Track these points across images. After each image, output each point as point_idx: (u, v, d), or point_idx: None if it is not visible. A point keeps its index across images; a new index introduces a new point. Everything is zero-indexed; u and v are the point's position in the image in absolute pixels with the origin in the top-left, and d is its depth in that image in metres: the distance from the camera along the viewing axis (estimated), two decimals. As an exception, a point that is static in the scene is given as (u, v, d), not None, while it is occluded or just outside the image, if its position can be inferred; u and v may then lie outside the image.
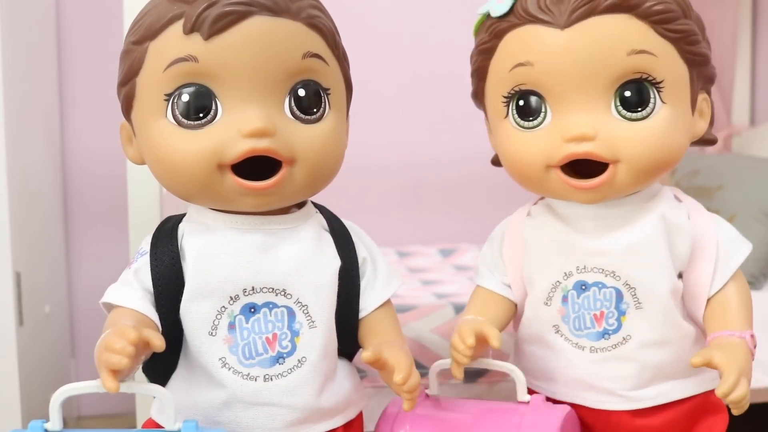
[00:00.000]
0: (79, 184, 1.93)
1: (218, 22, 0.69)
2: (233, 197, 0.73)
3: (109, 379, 0.64)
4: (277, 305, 0.76)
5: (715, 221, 0.85)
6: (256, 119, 0.70)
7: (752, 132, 2.11)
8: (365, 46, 1.99)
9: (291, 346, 0.76)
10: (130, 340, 0.63)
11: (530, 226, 0.87)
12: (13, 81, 1.45)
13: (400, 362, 0.74)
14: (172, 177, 0.74)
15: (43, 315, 1.64)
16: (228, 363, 0.75)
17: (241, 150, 0.70)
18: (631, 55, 0.76)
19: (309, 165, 0.74)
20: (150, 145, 0.74)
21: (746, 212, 1.67)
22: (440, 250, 1.96)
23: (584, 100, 0.77)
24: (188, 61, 0.70)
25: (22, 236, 1.49)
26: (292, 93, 0.73)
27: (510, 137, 0.82)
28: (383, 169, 2.05)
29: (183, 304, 0.75)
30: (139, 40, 0.73)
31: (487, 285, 0.91)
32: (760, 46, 2.20)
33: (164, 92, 0.71)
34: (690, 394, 0.85)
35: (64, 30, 1.89)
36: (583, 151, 0.77)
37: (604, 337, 0.83)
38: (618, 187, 0.78)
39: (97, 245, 1.91)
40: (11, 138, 1.42)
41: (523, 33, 0.78)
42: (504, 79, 0.80)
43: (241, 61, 0.70)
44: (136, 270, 0.76)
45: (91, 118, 1.91)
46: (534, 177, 0.81)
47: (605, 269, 0.82)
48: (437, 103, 2.07)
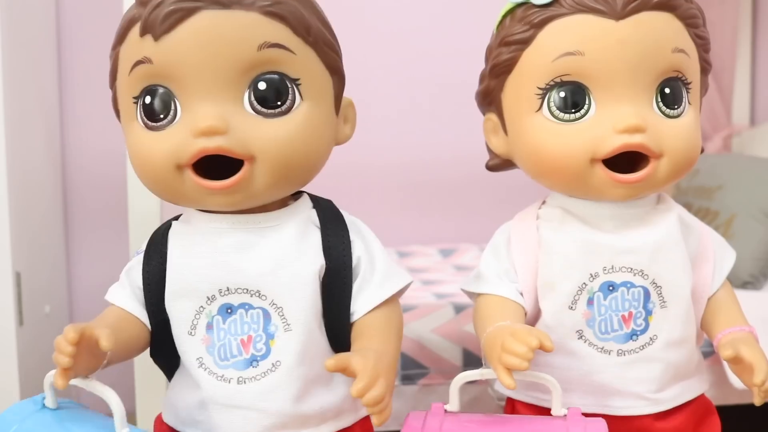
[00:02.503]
0: (79, 184, 1.93)
1: (165, 21, 0.68)
2: (198, 197, 0.72)
3: (58, 376, 0.67)
4: (252, 306, 0.74)
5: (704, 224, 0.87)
6: (205, 118, 0.69)
7: (752, 132, 2.11)
8: (365, 46, 1.99)
9: (265, 349, 0.74)
10: (68, 340, 0.65)
11: (547, 229, 0.84)
12: (13, 81, 1.45)
13: (362, 370, 0.66)
14: (142, 179, 0.75)
15: (43, 315, 1.64)
16: (204, 363, 0.74)
17: (193, 150, 0.69)
18: (674, 53, 0.77)
19: (271, 161, 0.71)
20: (128, 148, 0.75)
21: (746, 212, 1.67)
22: (440, 250, 1.96)
23: (631, 93, 0.77)
24: (144, 63, 0.70)
25: (22, 236, 1.49)
26: (251, 87, 0.71)
27: (545, 131, 0.79)
28: (383, 169, 2.05)
29: (166, 303, 0.75)
30: (113, 46, 0.74)
31: (500, 292, 0.84)
32: (760, 46, 2.20)
33: (132, 95, 0.72)
34: (697, 393, 0.86)
35: (64, 30, 1.89)
36: (636, 142, 0.76)
37: (632, 339, 0.82)
38: (654, 182, 0.78)
39: (97, 245, 1.91)
40: (11, 138, 1.42)
41: (572, 22, 0.76)
42: (544, 69, 0.78)
43: (192, 59, 0.69)
44: (129, 269, 0.78)
45: (91, 117, 1.91)
46: (576, 171, 0.78)
47: (634, 268, 0.81)
48: (437, 103, 2.07)
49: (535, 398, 0.85)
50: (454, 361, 1.35)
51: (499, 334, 0.73)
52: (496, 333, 0.74)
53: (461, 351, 1.34)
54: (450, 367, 1.35)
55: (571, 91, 0.77)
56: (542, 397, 0.84)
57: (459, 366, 1.34)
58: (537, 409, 0.84)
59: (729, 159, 1.92)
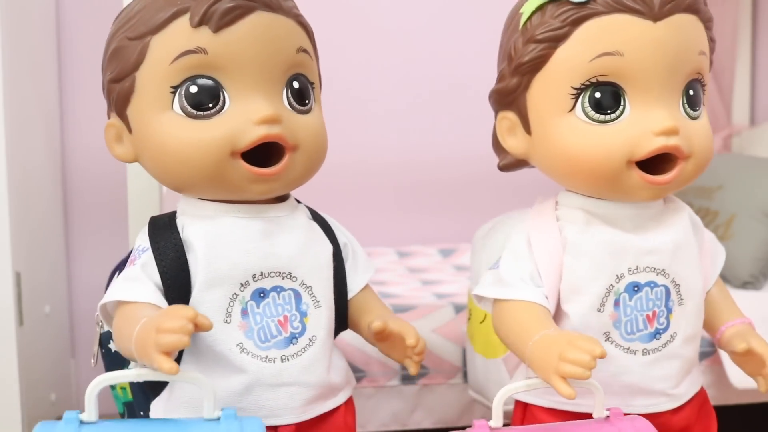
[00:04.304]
0: (79, 184, 1.93)
1: (227, 15, 0.72)
2: (242, 184, 0.76)
3: (167, 361, 0.63)
4: (284, 288, 0.78)
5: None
6: (267, 107, 0.74)
7: (752, 132, 2.11)
8: (366, 46, 1.99)
9: (301, 327, 0.79)
10: (189, 317, 0.64)
11: (572, 231, 0.82)
12: (13, 81, 1.45)
13: (406, 329, 0.80)
14: (181, 167, 0.75)
15: (43, 315, 1.64)
16: (246, 348, 0.76)
17: (255, 136, 0.73)
18: (698, 56, 0.78)
19: (309, 152, 0.78)
20: (155, 138, 0.75)
21: (746, 212, 1.67)
22: (440, 250, 1.96)
23: (665, 95, 0.77)
24: (197, 53, 0.73)
25: (22, 236, 1.49)
26: (288, 85, 0.77)
27: (578, 132, 0.78)
28: (383, 169, 2.05)
29: (195, 295, 0.76)
30: (138, 36, 0.74)
31: (528, 297, 0.80)
32: (760, 46, 2.20)
33: (170, 85, 0.74)
34: (700, 385, 0.88)
35: (64, 30, 1.89)
36: (673, 145, 0.76)
37: (656, 337, 0.82)
38: (679, 183, 0.80)
39: (97, 245, 1.91)
40: (11, 138, 1.42)
41: (610, 22, 0.76)
42: (580, 69, 0.77)
43: (247, 53, 0.74)
44: (143, 265, 0.76)
45: (91, 117, 1.90)
46: (611, 173, 0.78)
47: (656, 268, 0.81)
48: (437, 103, 2.07)
49: (553, 402, 0.84)
50: (454, 362, 1.35)
51: (553, 343, 0.71)
52: (546, 342, 0.73)
53: (461, 351, 1.34)
54: (450, 367, 1.35)
55: (607, 92, 0.77)
56: (564, 401, 0.81)
57: (459, 366, 1.35)
58: (555, 413, 0.84)
59: (729, 159, 1.92)
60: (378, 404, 1.35)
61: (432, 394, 1.35)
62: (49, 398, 1.65)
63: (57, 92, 1.87)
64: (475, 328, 1.11)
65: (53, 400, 1.67)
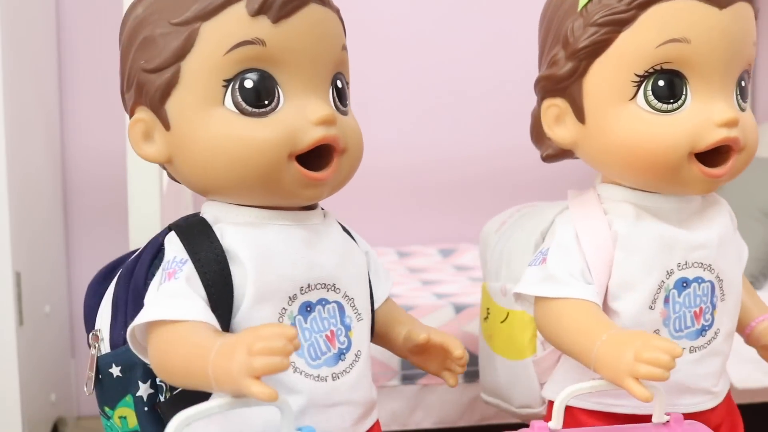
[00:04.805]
0: (79, 184, 1.93)
1: (287, 5, 0.67)
2: (293, 188, 0.69)
3: (263, 386, 0.55)
4: (328, 301, 0.72)
5: None
6: (324, 107, 0.69)
7: (752, 132, 2.11)
8: (367, 49, 1.99)
9: (347, 342, 0.73)
10: (289, 337, 0.57)
11: (623, 225, 0.78)
12: (13, 81, 1.45)
13: (450, 340, 0.78)
14: (231, 168, 0.68)
15: (43, 315, 1.63)
16: (298, 367, 0.70)
17: (314, 137, 0.68)
18: (752, 46, 0.77)
19: (354, 155, 0.73)
20: (202, 136, 0.68)
21: (746, 212, 1.67)
22: (440, 250, 1.96)
23: (725, 84, 0.76)
24: (255, 45, 0.66)
25: (22, 236, 1.49)
26: (332, 84, 0.72)
27: (641, 121, 0.75)
28: (383, 169, 2.05)
29: (244, 311, 0.68)
30: (186, 21, 0.66)
31: (582, 295, 0.77)
32: (760, 46, 2.19)
33: (223, 77, 0.67)
34: (730, 383, 0.87)
35: (64, 30, 1.89)
36: (734, 136, 0.74)
37: (702, 334, 0.80)
38: (731, 176, 0.77)
39: (97, 245, 1.91)
40: (11, 138, 1.42)
41: (678, 7, 0.73)
42: (645, 55, 0.74)
43: (304, 48, 0.68)
44: (188, 279, 0.67)
45: (91, 118, 1.91)
46: (673, 164, 0.75)
47: (704, 263, 0.79)
48: (438, 103, 2.07)
49: (600, 404, 0.81)
50: (454, 361, 1.35)
51: (626, 343, 0.68)
52: (616, 342, 0.69)
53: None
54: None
55: (671, 80, 0.74)
56: (611, 402, 0.80)
57: (459, 366, 1.34)
58: (601, 415, 0.81)
59: (729, 159, 1.92)
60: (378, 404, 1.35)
61: (432, 394, 1.35)
62: (49, 398, 1.64)
63: (57, 92, 1.87)
64: (496, 328, 1.01)
65: (53, 400, 1.67)
